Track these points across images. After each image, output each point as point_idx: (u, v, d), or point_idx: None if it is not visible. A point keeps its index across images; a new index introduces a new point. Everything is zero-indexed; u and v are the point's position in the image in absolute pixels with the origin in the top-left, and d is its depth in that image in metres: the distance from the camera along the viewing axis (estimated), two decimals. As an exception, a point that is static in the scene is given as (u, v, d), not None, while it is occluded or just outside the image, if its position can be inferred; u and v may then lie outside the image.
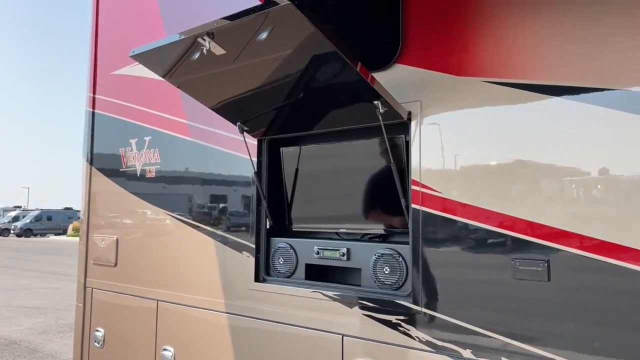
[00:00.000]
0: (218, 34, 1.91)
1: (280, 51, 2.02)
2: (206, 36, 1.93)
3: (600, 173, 1.84)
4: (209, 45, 1.95)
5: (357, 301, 2.37)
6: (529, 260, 1.91)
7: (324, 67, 2.07)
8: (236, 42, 1.96)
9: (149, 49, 2.12)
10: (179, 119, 3.32)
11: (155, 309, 3.32)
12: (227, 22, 1.84)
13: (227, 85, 2.37)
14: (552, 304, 1.86)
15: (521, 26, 2.03)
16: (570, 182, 1.89)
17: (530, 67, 1.98)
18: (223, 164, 3.07)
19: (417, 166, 2.22)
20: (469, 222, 2.07)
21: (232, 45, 1.97)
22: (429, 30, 2.28)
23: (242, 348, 2.82)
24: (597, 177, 1.84)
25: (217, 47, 1.98)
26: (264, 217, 2.85)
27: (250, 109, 2.57)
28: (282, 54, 2.04)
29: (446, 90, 2.18)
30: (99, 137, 3.99)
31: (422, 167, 2.21)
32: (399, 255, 2.33)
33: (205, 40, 1.94)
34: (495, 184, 2.04)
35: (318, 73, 2.12)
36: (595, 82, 1.84)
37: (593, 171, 1.85)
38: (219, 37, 1.93)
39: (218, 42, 1.95)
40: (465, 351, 2.04)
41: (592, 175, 1.85)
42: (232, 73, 2.22)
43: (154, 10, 3.65)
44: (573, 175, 1.89)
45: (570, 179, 1.89)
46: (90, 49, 4.12)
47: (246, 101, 2.49)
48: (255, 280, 2.80)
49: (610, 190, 1.82)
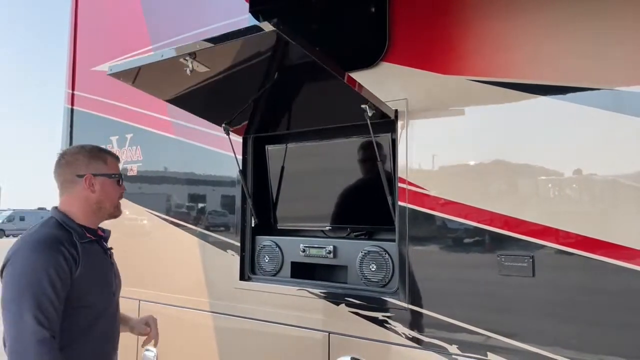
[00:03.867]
0: (200, 54, 1.85)
1: (265, 66, 1.98)
2: (188, 57, 1.86)
3: (582, 171, 1.87)
4: (192, 65, 1.87)
5: (343, 298, 2.38)
6: (514, 256, 1.94)
7: (311, 77, 2.06)
8: (219, 60, 1.91)
9: (128, 68, 2.04)
10: (161, 116, 3.27)
11: (137, 309, 3.27)
12: (209, 45, 1.78)
13: (211, 94, 2.32)
14: (537, 299, 1.90)
15: (507, 25, 2.06)
16: (554, 179, 1.92)
17: (516, 66, 2.01)
18: (207, 161, 3.04)
19: (404, 164, 2.24)
20: (454, 219, 2.09)
21: (215, 62, 1.92)
22: (415, 29, 2.29)
23: (227, 347, 2.80)
24: (579, 175, 1.88)
25: (200, 66, 1.92)
26: (249, 216, 2.83)
27: (235, 109, 2.54)
28: (266, 68, 2.01)
29: (432, 88, 2.20)
30: (78, 134, 3.91)
31: (408, 165, 2.22)
32: (385, 253, 2.34)
33: (187, 60, 1.87)
34: (480, 181, 2.07)
35: (305, 82, 2.11)
36: (580, 81, 1.88)
37: (575, 169, 1.89)
38: (201, 56, 1.87)
39: (200, 60, 1.89)
40: (451, 347, 2.06)
41: (574, 174, 1.89)
42: (216, 83, 2.17)
43: (136, 4, 3.59)
44: (556, 173, 1.92)
45: (553, 176, 1.92)
46: (68, 44, 4.03)
47: (230, 102, 2.46)
48: (240, 278, 2.78)
49: (592, 188, 1.86)
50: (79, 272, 1.68)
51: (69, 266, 1.65)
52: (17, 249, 1.67)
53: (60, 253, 1.64)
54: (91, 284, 1.75)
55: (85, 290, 1.71)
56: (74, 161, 1.87)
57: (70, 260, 1.66)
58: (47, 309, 1.56)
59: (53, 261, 1.61)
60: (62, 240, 1.69)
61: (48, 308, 1.56)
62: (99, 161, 1.90)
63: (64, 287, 1.63)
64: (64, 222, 1.78)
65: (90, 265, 1.74)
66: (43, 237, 1.70)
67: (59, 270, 1.61)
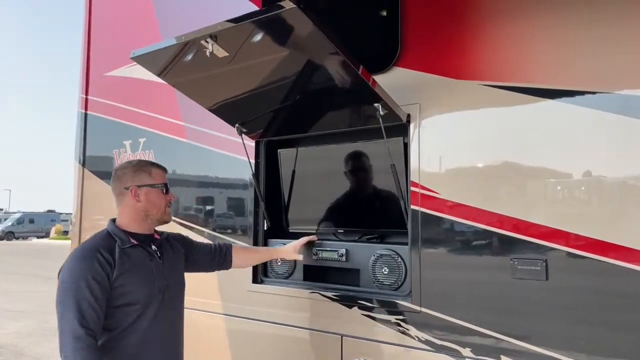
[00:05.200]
0: (221, 37, 1.92)
1: (282, 53, 2.03)
2: (209, 38, 1.93)
3: (594, 174, 1.89)
4: (212, 47, 1.95)
5: (356, 301, 2.39)
6: (527, 260, 1.95)
7: (326, 69, 2.08)
8: (239, 44, 1.97)
9: (150, 51, 2.11)
10: (174, 120, 3.31)
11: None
12: (231, 25, 1.84)
13: (226, 86, 2.37)
14: (550, 302, 1.91)
15: (519, 30, 2.08)
16: (566, 183, 1.93)
17: (528, 71, 2.03)
18: (220, 165, 3.07)
19: (416, 168, 2.25)
20: (467, 222, 2.11)
21: (234, 47, 1.98)
22: (427, 34, 2.31)
23: (240, 349, 2.82)
24: (591, 178, 1.89)
25: (220, 50, 1.98)
26: (262, 219, 2.85)
27: (249, 111, 2.58)
28: (283, 55, 2.05)
29: (445, 93, 2.22)
30: (92, 138, 3.96)
31: (421, 169, 2.24)
32: (397, 256, 2.36)
33: (208, 42, 1.94)
34: (493, 185, 2.08)
35: (319, 75, 2.13)
36: (592, 85, 1.89)
37: (587, 172, 1.90)
38: (222, 40, 1.93)
39: (221, 44, 1.96)
40: (464, 350, 2.07)
41: (586, 177, 1.90)
42: (231, 74, 2.23)
43: (148, 10, 3.64)
44: (570, 177, 1.93)
45: (567, 180, 1.94)
46: (82, 49, 4.09)
47: (244, 102, 2.49)
48: (253, 281, 2.81)
49: (604, 191, 1.87)
50: (116, 274, 1.89)
51: (105, 270, 1.87)
52: (67, 259, 1.93)
53: (95, 260, 1.87)
54: (132, 284, 1.94)
55: (125, 291, 1.91)
56: (123, 175, 2.09)
57: (105, 264, 1.88)
58: (86, 309, 1.79)
59: (90, 268, 1.85)
60: (99, 248, 1.92)
61: (87, 309, 1.79)
62: (143, 173, 2.09)
63: (103, 289, 1.85)
64: (112, 232, 2.02)
65: (130, 268, 1.94)
66: (84, 247, 1.95)
67: (96, 275, 1.84)
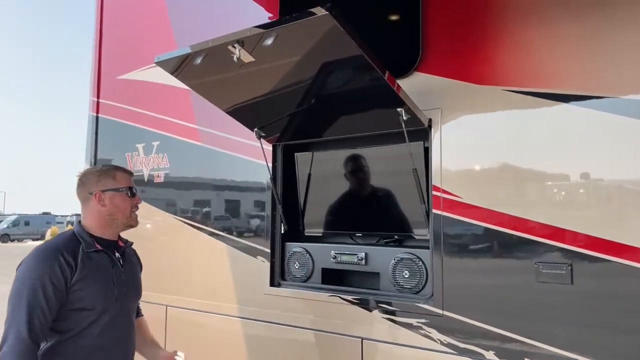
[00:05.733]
0: (248, 42, 1.93)
1: (306, 57, 2.04)
2: (237, 44, 1.95)
3: (619, 179, 1.91)
4: (239, 53, 1.97)
5: (376, 304, 2.41)
6: (552, 264, 1.97)
7: (350, 73, 2.10)
8: (266, 50, 1.98)
9: (175, 57, 2.12)
10: (189, 124, 3.32)
11: (164, 315, 3.31)
12: (260, 31, 1.86)
13: (245, 89, 2.37)
14: (575, 306, 1.93)
15: (543, 36, 2.10)
16: (591, 187, 1.96)
17: (552, 77, 2.05)
18: (236, 169, 3.08)
19: (438, 172, 2.27)
20: (490, 226, 2.13)
21: (261, 52, 1.99)
22: (448, 40, 2.33)
23: (257, 352, 2.83)
24: (618, 183, 1.91)
25: (247, 55, 2.00)
26: (279, 222, 2.87)
27: (267, 114, 2.59)
28: (307, 60, 2.07)
29: (467, 98, 2.24)
30: (103, 141, 3.96)
31: (442, 173, 2.26)
32: (418, 259, 2.37)
33: (235, 48, 1.96)
34: (516, 189, 2.10)
35: (342, 79, 2.15)
36: (618, 92, 1.91)
37: (612, 177, 1.92)
38: (249, 45, 1.95)
39: (248, 49, 1.97)
40: (488, 353, 2.08)
41: (613, 181, 1.92)
42: (251, 77, 2.23)
43: (162, 13, 3.65)
44: (593, 181, 1.95)
45: (590, 184, 1.96)
46: (93, 52, 4.10)
47: (263, 106, 2.50)
48: (270, 284, 2.82)
49: (632, 195, 1.88)
50: (75, 278, 1.87)
51: (64, 273, 1.85)
52: (29, 254, 1.91)
53: (56, 262, 1.85)
54: (90, 289, 1.91)
55: (83, 295, 1.89)
56: (87, 181, 2.08)
57: (65, 267, 1.85)
58: (36, 313, 1.77)
59: (48, 270, 1.82)
60: (63, 250, 1.90)
61: (37, 312, 1.77)
62: (107, 178, 2.08)
63: (58, 292, 1.82)
64: (79, 234, 2.00)
65: (91, 273, 1.92)
66: (47, 247, 1.93)
67: (53, 277, 1.82)
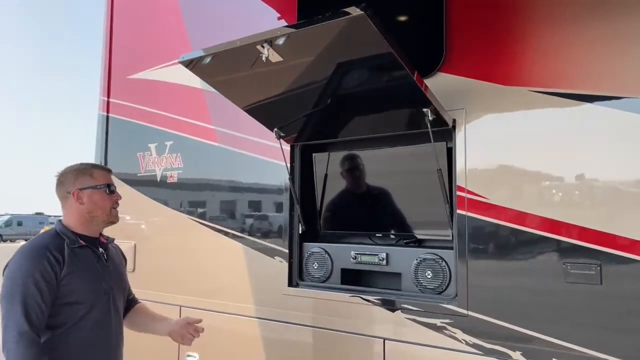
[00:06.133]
0: (277, 42, 1.92)
1: (334, 56, 2.04)
2: (265, 43, 1.94)
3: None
4: (268, 52, 1.96)
5: (399, 305, 2.40)
6: (581, 264, 1.98)
7: (378, 73, 2.10)
8: (295, 49, 1.97)
9: (201, 56, 2.11)
10: (204, 123, 3.30)
11: (178, 315, 3.28)
12: (291, 30, 1.85)
13: (268, 88, 2.36)
14: (604, 307, 1.93)
15: (570, 37, 2.11)
16: (620, 188, 1.96)
17: (581, 78, 2.06)
18: (253, 169, 3.07)
19: (463, 172, 2.27)
20: (517, 227, 2.13)
21: (289, 52, 1.99)
22: (472, 40, 2.33)
23: (275, 353, 2.82)
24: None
25: (275, 55, 1.99)
26: (297, 222, 2.86)
27: (287, 114, 2.58)
28: (334, 59, 2.07)
29: (492, 99, 2.24)
30: (114, 141, 3.94)
31: (468, 173, 2.26)
32: (441, 260, 2.37)
33: (264, 47, 1.95)
34: (543, 190, 2.11)
35: (370, 78, 2.16)
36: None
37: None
38: (277, 45, 1.94)
39: (276, 49, 1.96)
40: (514, 353, 2.09)
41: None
42: (275, 76, 2.22)
43: (174, 12, 3.63)
44: (623, 182, 1.96)
45: (619, 185, 1.96)
46: (103, 51, 4.07)
47: (285, 106, 2.50)
48: (288, 285, 2.81)
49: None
50: (64, 272, 1.94)
51: (54, 269, 1.91)
52: (15, 255, 1.96)
53: (45, 258, 1.91)
54: (78, 283, 1.99)
55: (73, 289, 1.96)
56: (65, 180, 2.12)
57: (54, 263, 1.92)
58: (32, 306, 1.84)
59: (39, 266, 1.89)
60: (50, 247, 1.96)
61: (33, 306, 1.84)
62: (85, 176, 2.12)
63: (50, 287, 1.89)
64: (61, 231, 2.06)
65: (78, 268, 1.99)
66: (34, 245, 2.00)
67: (44, 273, 1.89)
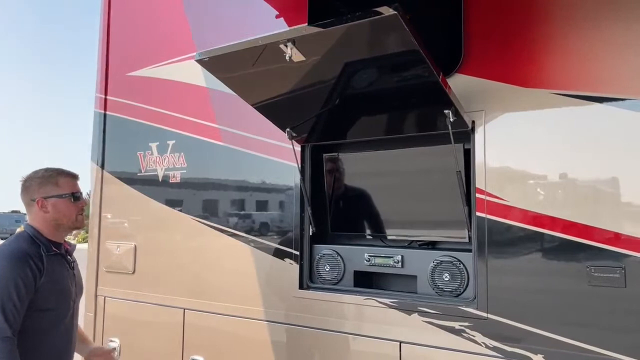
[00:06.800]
0: (301, 41, 1.88)
1: (359, 56, 2.01)
2: (289, 43, 1.89)
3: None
4: (291, 52, 1.92)
5: (415, 308, 2.38)
6: (605, 267, 1.97)
7: (401, 73, 2.07)
8: (319, 49, 1.93)
9: (221, 55, 2.05)
10: (208, 123, 3.23)
11: (182, 318, 3.22)
12: (318, 30, 1.81)
13: (283, 86, 2.29)
14: (628, 310, 1.93)
15: (592, 39, 2.10)
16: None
17: (603, 80, 2.05)
18: (261, 170, 3.01)
19: (482, 174, 2.26)
20: (538, 229, 2.12)
21: (313, 52, 1.94)
22: (491, 42, 2.32)
23: (285, 356, 2.77)
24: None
25: (298, 54, 1.95)
26: (308, 224, 2.82)
27: (299, 113, 2.54)
28: (358, 59, 2.03)
29: (512, 101, 2.23)
30: (111, 140, 3.84)
31: (487, 175, 2.25)
32: (459, 262, 2.36)
33: (287, 46, 1.90)
34: (565, 192, 2.10)
35: (393, 79, 2.12)
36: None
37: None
38: (300, 44, 1.90)
39: (299, 48, 1.92)
40: (536, 356, 2.08)
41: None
42: (288, 73, 2.15)
43: (177, 7, 3.54)
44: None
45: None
46: (100, 49, 3.96)
47: (299, 105, 2.45)
48: (299, 287, 2.77)
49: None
50: (42, 280, 2.00)
51: (34, 276, 1.98)
52: None
53: (27, 265, 1.97)
54: (53, 291, 2.06)
55: (48, 296, 2.03)
56: (29, 187, 2.14)
57: (35, 271, 1.98)
58: (11, 310, 1.90)
59: (20, 272, 1.95)
60: (31, 254, 2.02)
61: (12, 310, 1.90)
62: (49, 184, 2.13)
63: (28, 293, 1.96)
64: (35, 236, 2.10)
65: (54, 275, 2.06)
66: (15, 250, 2.03)
67: (25, 279, 1.95)
